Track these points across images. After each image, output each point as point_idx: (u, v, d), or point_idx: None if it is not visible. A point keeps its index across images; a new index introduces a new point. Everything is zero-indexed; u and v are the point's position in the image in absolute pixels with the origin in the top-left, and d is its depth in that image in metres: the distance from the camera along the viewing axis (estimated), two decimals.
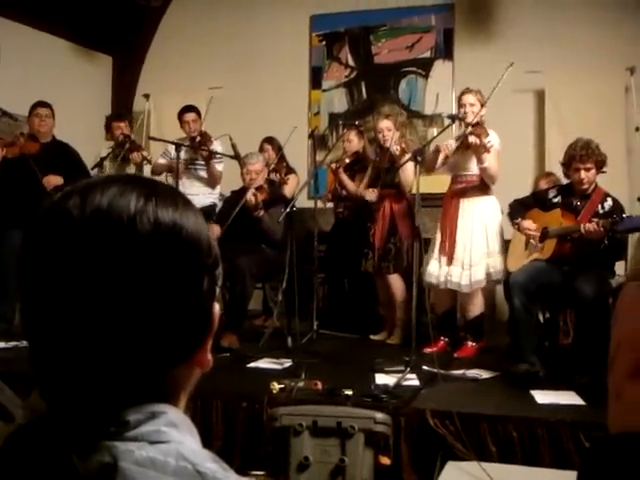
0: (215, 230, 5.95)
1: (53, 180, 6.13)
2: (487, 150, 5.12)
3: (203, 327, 0.86)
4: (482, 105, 5.41)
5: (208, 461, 0.78)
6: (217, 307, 0.88)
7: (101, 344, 0.77)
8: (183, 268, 0.81)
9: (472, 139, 5.18)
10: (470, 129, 5.31)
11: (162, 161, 6.98)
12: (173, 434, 0.79)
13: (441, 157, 5.57)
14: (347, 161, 6.61)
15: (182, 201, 0.85)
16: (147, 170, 6.77)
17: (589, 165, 4.81)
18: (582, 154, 4.78)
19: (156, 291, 0.78)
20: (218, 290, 0.88)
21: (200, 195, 6.88)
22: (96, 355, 0.78)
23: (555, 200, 5.05)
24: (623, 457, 0.65)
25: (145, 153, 6.77)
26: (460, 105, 5.49)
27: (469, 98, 5.43)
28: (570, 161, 4.86)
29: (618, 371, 0.68)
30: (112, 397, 0.79)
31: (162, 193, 0.83)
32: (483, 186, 5.49)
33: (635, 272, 0.70)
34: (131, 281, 0.77)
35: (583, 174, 4.83)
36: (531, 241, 5.08)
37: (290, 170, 7.14)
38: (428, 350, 5.31)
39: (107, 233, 0.77)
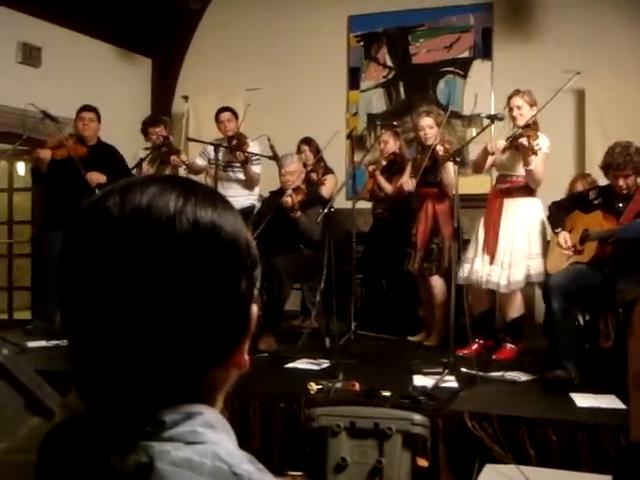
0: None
1: (96, 177, 6.22)
2: (535, 153, 5.05)
3: (241, 328, 0.86)
4: (531, 106, 5.36)
5: (244, 462, 0.79)
6: (255, 308, 0.88)
7: (139, 344, 0.78)
8: (221, 269, 0.81)
9: (521, 140, 5.14)
10: (521, 131, 5.25)
11: (199, 161, 7.03)
12: (209, 435, 0.79)
13: (490, 158, 5.54)
14: (384, 163, 6.60)
15: (221, 202, 0.85)
16: (183, 173, 6.83)
17: (628, 172, 4.75)
18: (619, 162, 4.71)
19: (194, 291, 0.78)
20: (256, 291, 0.88)
21: (239, 197, 6.92)
22: (134, 355, 0.78)
23: (596, 202, 4.99)
24: None
25: (184, 157, 6.84)
26: (509, 108, 5.43)
27: (516, 101, 5.38)
28: (607, 168, 4.80)
29: None
30: (149, 397, 0.79)
31: (201, 194, 0.83)
32: (528, 187, 5.43)
33: None
34: (169, 281, 0.77)
35: (622, 182, 4.78)
36: (568, 255, 5.01)
37: (328, 170, 7.14)
38: (463, 352, 5.28)
39: (146, 233, 0.78)
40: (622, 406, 3.87)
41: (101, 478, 0.76)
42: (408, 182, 6.09)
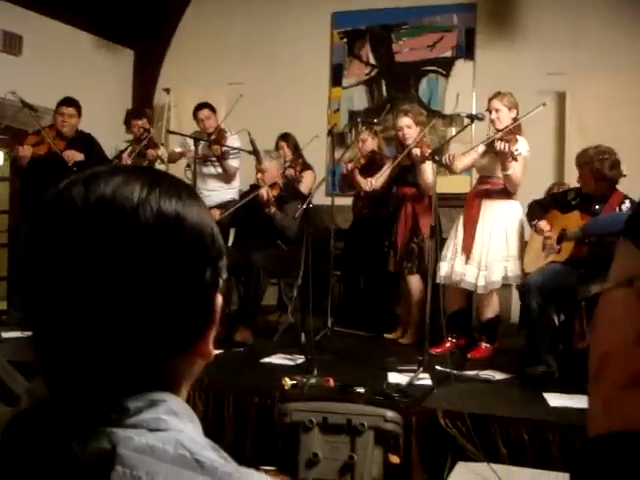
0: (214, 214, 6.02)
1: (71, 155, 6.18)
2: (515, 159, 5.08)
3: (205, 318, 0.86)
4: (510, 109, 5.37)
5: (207, 450, 0.78)
6: (220, 299, 0.88)
7: (102, 332, 0.78)
8: (185, 259, 0.81)
9: (500, 145, 5.13)
10: (500, 134, 5.27)
11: (178, 149, 7.04)
12: (173, 422, 0.79)
13: (464, 160, 5.55)
14: (362, 162, 6.60)
15: (186, 192, 0.85)
16: (160, 167, 6.81)
17: (585, 173, 4.89)
18: (580, 162, 4.89)
19: (157, 281, 0.78)
20: (222, 282, 0.88)
21: (220, 190, 6.94)
22: (97, 342, 0.78)
23: (574, 202, 5.04)
24: (620, 455, 0.64)
25: (160, 152, 6.82)
26: (489, 110, 5.44)
27: (495, 104, 5.38)
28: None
29: (608, 382, 0.67)
30: (112, 384, 0.79)
31: (166, 184, 0.83)
32: (507, 190, 5.46)
33: (620, 279, 0.69)
34: (132, 270, 0.77)
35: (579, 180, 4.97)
36: (548, 243, 5.06)
37: (306, 167, 7.14)
38: (436, 350, 5.28)
39: (110, 222, 0.78)
40: None
41: (63, 464, 0.76)
42: (368, 182, 6.07)
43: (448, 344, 5.50)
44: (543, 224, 5.07)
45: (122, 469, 0.73)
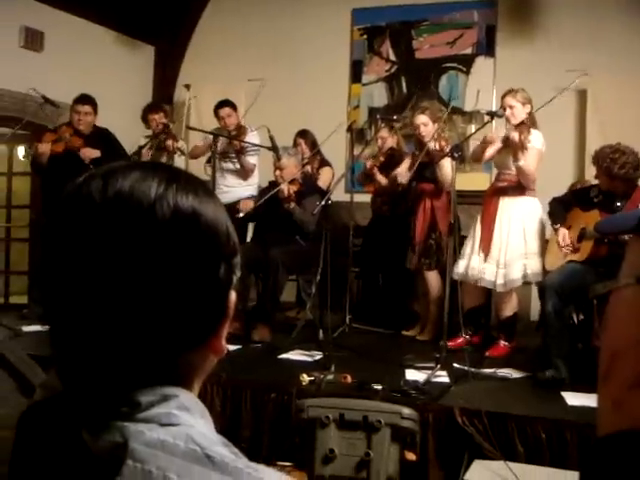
0: (248, 204, 6.05)
1: (89, 152, 6.22)
2: (524, 147, 5.07)
3: (218, 314, 0.86)
4: (524, 104, 5.35)
5: (218, 445, 0.79)
6: (234, 295, 0.89)
7: (117, 325, 0.78)
8: (200, 255, 0.82)
9: (512, 135, 5.15)
10: (515, 129, 5.28)
11: (200, 144, 7.05)
12: (184, 417, 0.80)
13: (489, 149, 5.54)
14: (381, 159, 6.59)
15: (203, 189, 0.86)
16: (179, 161, 6.83)
17: (599, 171, 4.87)
18: (595, 161, 4.87)
19: (172, 276, 0.79)
20: (235, 278, 0.89)
21: (238, 187, 6.95)
22: (111, 336, 0.79)
23: (596, 200, 5.00)
24: (628, 453, 0.64)
25: (179, 144, 6.84)
26: (503, 107, 5.43)
27: (509, 101, 5.37)
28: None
29: (618, 381, 0.67)
30: (125, 378, 0.80)
31: (183, 180, 0.84)
32: (524, 185, 5.43)
33: (629, 277, 0.69)
34: (148, 265, 0.78)
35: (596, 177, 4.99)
36: (564, 250, 5.03)
37: (324, 163, 7.14)
38: (448, 344, 5.16)
39: (127, 217, 0.79)
40: None
41: (75, 456, 0.77)
42: (403, 173, 6.07)
43: (461, 339, 5.49)
44: (561, 236, 5.03)
45: (133, 463, 0.74)
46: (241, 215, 5.93)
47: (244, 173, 6.93)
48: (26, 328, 5.41)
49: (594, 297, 4.63)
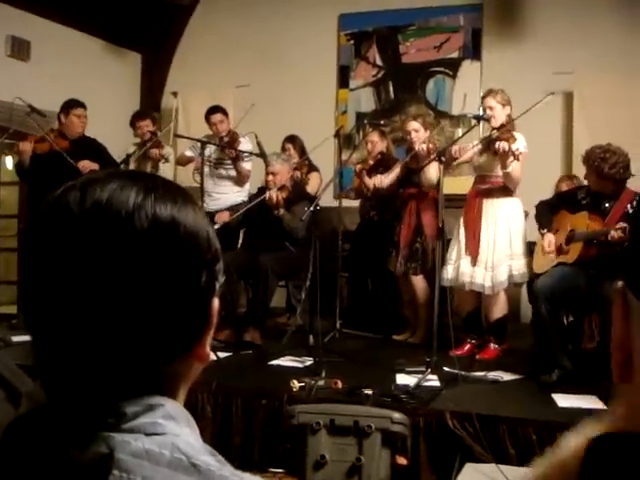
0: (224, 215, 6.05)
1: (88, 165, 6.18)
2: (516, 158, 5.06)
3: (201, 322, 0.86)
4: (504, 105, 5.36)
5: (203, 454, 0.79)
6: (216, 302, 0.88)
7: (99, 336, 0.78)
8: (181, 263, 0.81)
9: (500, 145, 5.11)
10: (497, 133, 5.26)
11: (189, 153, 7.03)
12: (170, 426, 0.80)
13: (462, 158, 5.55)
14: (371, 163, 6.61)
15: (182, 197, 0.86)
16: (164, 169, 6.80)
17: (588, 170, 4.87)
18: (585, 160, 4.87)
19: (153, 286, 0.79)
20: (218, 285, 0.88)
21: (230, 194, 6.94)
22: (95, 347, 0.79)
23: (584, 202, 5.01)
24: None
25: (164, 152, 6.81)
26: (484, 108, 5.45)
27: (489, 102, 5.38)
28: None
29: (637, 386, 0.68)
30: (110, 389, 0.80)
31: (162, 189, 0.84)
32: (507, 188, 5.44)
33: None
34: (129, 276, 0.78)
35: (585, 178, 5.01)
36: (549, 256, 5.04)
37: (312, 168, 7.16)
38: (455, 353, 5.13)
39: (105, 228, 0.78)
40: (603, 407, 3.89)
41: (61, 468, 0.77)
42: (385, 177, 6.08)
43: (468, 346, 5.50)
44: (547, 242, 5.03)
45: (119, 473, 0.74)
46: (216, 227, 5.90)
47: (240, 179, 6.91)
48: (16, 338, 5.38)
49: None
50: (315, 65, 8.51)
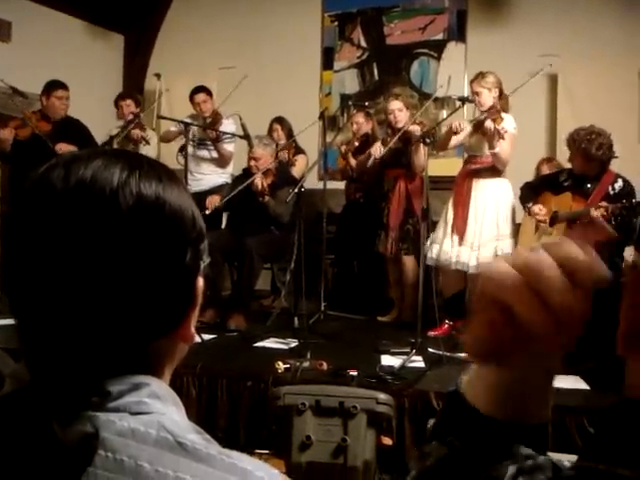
0: (214, 200, 6.03)
1: (65, 147, 6.15)
2: (501, 137, 5.07)
3: (186, 301, 0.86)
4: (490, 89, 5.37)
5: (190, 432, 0.79)
6: (201, 281, 0.88)
7: (83, 315, 0.78)
8: (165, 242, 0.81)
9: (488, 124, 5.15)
10: (485, 114, 5.27)
11: (174, 129, 7.02)
12: (156, 405, 0.80)
13: (455, 138, 5.55)
14: (356, 144, 6.60)
15: (166, 175, 0.85)
16: (146, 151, 6.75)
17: (574, 153, 4.87)
18: (569, 143, 4.87)
19: (137, 264, 0.78)
20: (203, 264, 0.88)
21: (212, 175, 6.93)
22: (79, 326, 0.78)
23: (566, 184, 5.04)
24: None
25: (145, 134, 6.77)
26: (472, 92, 5.46)
27: (474, 87, 5.41)
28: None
29: None
30: (95, 368, 0.79)
31: (146, 167, 0.83)
32: (496, 168, 5.45)
33: None
34: (113, 254, 0.77)
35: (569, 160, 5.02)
36: (541, 225, 5.08)
37: (299, 150, 7.15)
38: (432, 333, 5.29)
39: (89, 206, 0.77)
40: (585, 387, 3.92)
41: (46, 448, 0.76)
42: (377, 148, 6.07)
43: (445, 326, 5.53)
44: (537, 208, 5.07)
45: (105, 452, 0.74)
46: (207, 213, 5.88)
47: (222, 160, 6.91)
48: None
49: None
50: (299, 47, 8.47)
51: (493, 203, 5.42)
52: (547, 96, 7.67)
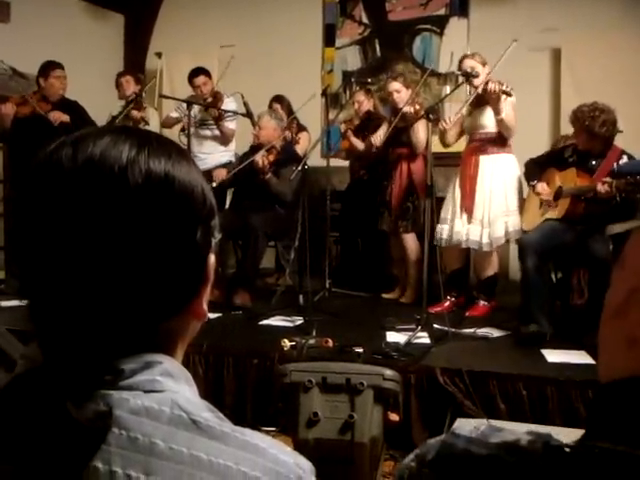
0: (221, 173, 6.02)
1: (58, 115, 6.14)
2: (508, 94, 5.07)
3: (198, 278, 0.85)
4: (483, 64, 5.36)
5: (203, 410, 0.79)
6: (213, 258, 0.88)
7: (95, 294, 0.77)
8: (175, 219, 0.80)
9: (491, 85, 5.11)
10: (482, 86, 5.24)
11: (174, 114, 7.00)
12: (169, 384, 0.80)
13: (451, 132, 5.56)
14: (357, 122, 6.59)
15: (175, 151, 0.84)
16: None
17: (577, 130, 4.87)
18: (572, 119, 4.86)
19: (148, 241, 0.78)
20: (214, 241, 0.87)
21: (215, 153, 6.92)
22: (91, 305, 0.78)
23: (570, 160, 5.02)
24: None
25: (144, 114, 6.75)
26: (463, 70, 5.44)
27: (468, 62, 5.40)
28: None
29: (633, 318, 0.67)
30: (107, 346, 0.79)
31: (155, 144, 0.82)
32: (501, 139, 5.43)
33: None
34: (123, 231, 0.77)
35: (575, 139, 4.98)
36: (545, 203, 5.07)
37: (301, 128, 7.12)
38: (435, 310, 5.29)
39: (98, 184, 0.77)
40: (592, 361, 3.93)
41: (60, 427, 0.76)
42: (377, 137, 6.08)
43: (447, 303, 5.53)
44: (540, 187, 5.06)
45: (118, 430, 0.74)
46: (214, 185, 5.88)
47: (224, 139, 6.89)
48: (4, 303, 5.36)
49: (610, 236, 4.65)
50: (300, 24, 8.42)
51: (500, 179, 5.41)
52: (550, 71, 7.62)
